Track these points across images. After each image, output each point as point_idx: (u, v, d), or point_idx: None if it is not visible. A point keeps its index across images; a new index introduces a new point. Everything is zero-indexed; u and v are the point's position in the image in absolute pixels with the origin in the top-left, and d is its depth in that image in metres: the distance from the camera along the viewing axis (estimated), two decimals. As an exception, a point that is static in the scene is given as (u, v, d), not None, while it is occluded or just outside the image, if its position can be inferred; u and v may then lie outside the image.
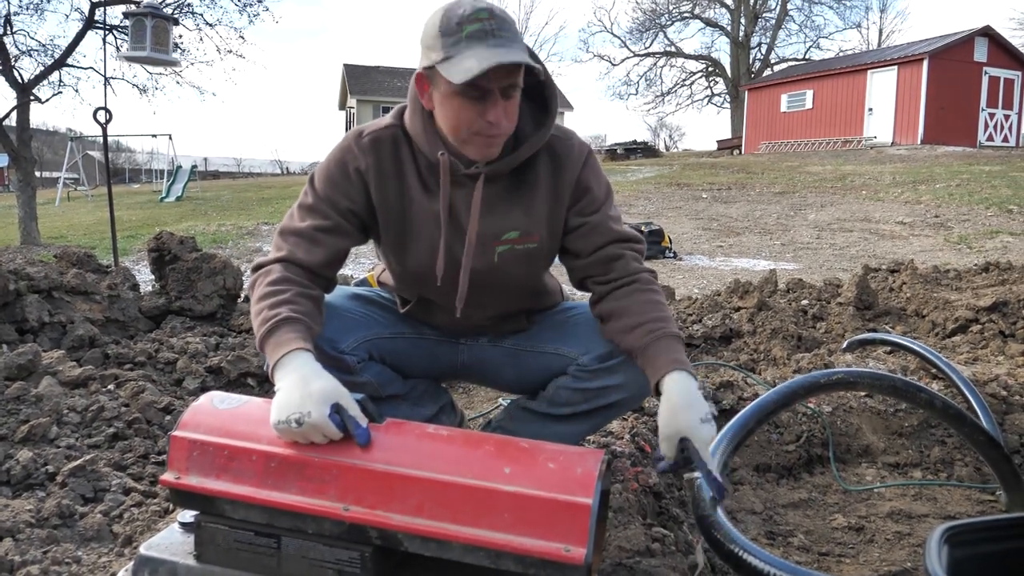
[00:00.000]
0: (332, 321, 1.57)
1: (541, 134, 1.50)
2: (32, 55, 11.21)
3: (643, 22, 36.76)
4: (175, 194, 18.00)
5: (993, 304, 3.71)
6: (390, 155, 1.51)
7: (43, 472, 1.91)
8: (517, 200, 1.53)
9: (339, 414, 1.22)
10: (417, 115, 1.49)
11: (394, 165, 1.51)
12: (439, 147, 1.47)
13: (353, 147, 1.51)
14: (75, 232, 11.42)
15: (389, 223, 1.54)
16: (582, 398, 1.60)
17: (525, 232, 1.53)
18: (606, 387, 1.58)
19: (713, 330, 3.67)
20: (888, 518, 1.98)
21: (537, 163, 1.53)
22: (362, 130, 1.53)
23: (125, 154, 39.05)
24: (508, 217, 1.53)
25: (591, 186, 1.56)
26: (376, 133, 1.52)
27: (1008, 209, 10.42)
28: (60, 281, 3.18)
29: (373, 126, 1.54)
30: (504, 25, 1.35)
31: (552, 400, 1.65)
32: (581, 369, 1.60)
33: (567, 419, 1.64)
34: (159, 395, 2.45)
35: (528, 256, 1.56)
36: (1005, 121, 22.50)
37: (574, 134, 1.58)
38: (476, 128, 1.39)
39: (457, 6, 1.36)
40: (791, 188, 14.37)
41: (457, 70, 1.31)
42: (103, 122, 5.33)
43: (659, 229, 8.40)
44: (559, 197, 1.54)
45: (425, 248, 1.54)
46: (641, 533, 1.52)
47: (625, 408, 1.67)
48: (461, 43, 1.33)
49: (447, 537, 1.13)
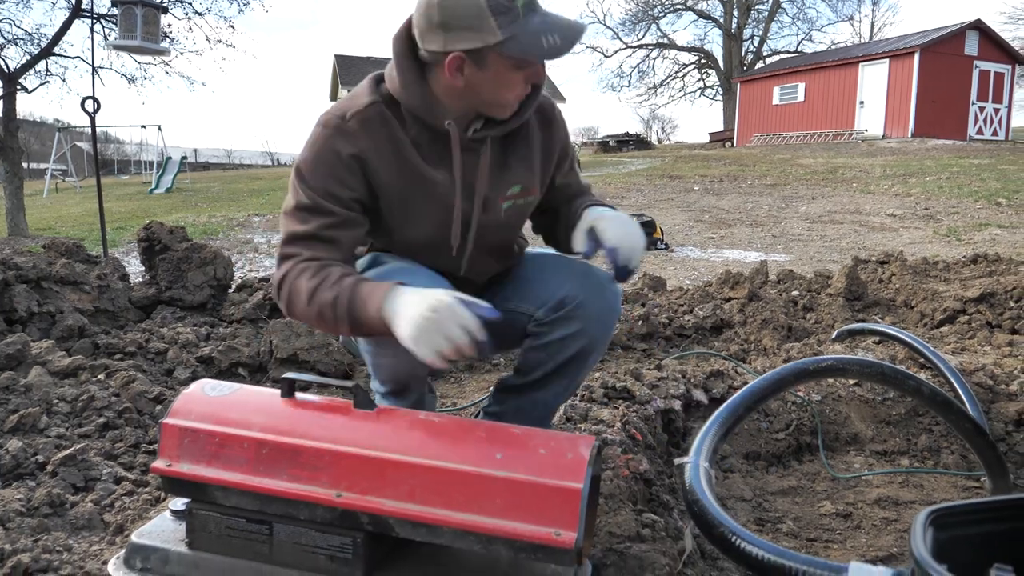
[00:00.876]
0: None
1: (535, 97, 1.53)
2: (18, 44, 11.11)
3: (636, 13, 36.70)
4: (165, 185, 17.90)
5: (981, 295, 3.74)
6: (381, 131, 1.46)
7: (33, 462, 1.90)
8: (516, 156, 1.57)
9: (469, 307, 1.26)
10: (413, 80, 1.44)
11: (390, 143, 1.47)
12: (443, 114, 1.46)
13: (339, 133, 1.45)
14: (64, 224, 11.34)
15: (393, 202, 1.51)
16: (546, 355, 1.61)
17: (526, 187, 1.60)
18: (564, 337, 1.58)
19: (704, 320, 3.68)
20: (875, 505, 2.00)
21: (530, 123, 1.58)
22: (343, 113, 1.46)
23: (114, 145, 38.78)
24: (511, 173, 1.57)
25: (570, 151, 1.70)
26: (360, 114, 1.46)
27: (997, 202, 10.49)
28: (49, 271, 3.16)
29: (354, 107, 1.47)
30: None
31: (523, 367, 1.67)
32: (538, 324, 1.61)
33: (541, 383, 1.65)
34: (150, 385, 2.45)
35: (527, 208, 1.64)
36: (995, 115, 22.61)
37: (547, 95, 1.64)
38: (512, 96, 1.44)
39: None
40: (783, 180, 14.42)
41: (537, 46, 1.33)
42: (91, 111, 5.29)
43: (651, 221, 8.41)
44: (550, 154, 1.63)
45: (435, 218, 1.53)
46: (631, 519, 1.53)
47: (591, 358, 1.65)
48: (519, 20, 1.33)
49: (438, 522, 1.14)
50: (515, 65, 1.37)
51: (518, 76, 1.40)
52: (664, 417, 2.21)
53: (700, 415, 2.32)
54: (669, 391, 2.28)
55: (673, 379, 2.35)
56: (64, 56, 11.50)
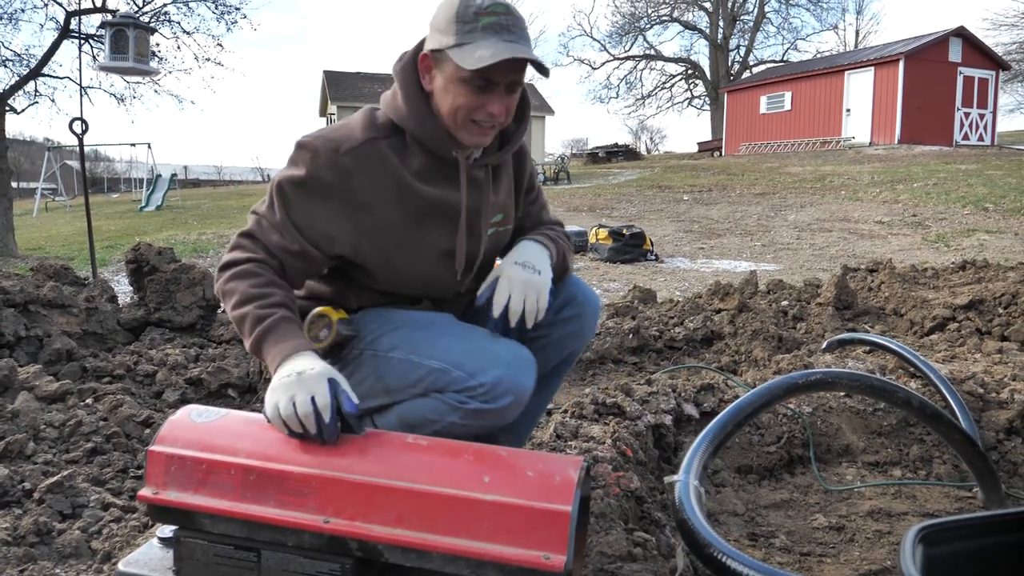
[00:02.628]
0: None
1: (521, 131, 1.60)
2: (7, 65, 11.10)
3: (622, 25, 36.96)
4: (155, 203, 17.85)
5: (970, 302, 3.76)
6: (377, 166, 1.44)
7: (20, 489, 1.88)
8: (500, 185, 1.62)
9: (334, 387, 1.25)
10: (421, 107, 1.45)
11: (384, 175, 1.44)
12: (449, 144, 1.47)
13: (331, 166, 1.41)
14: (53, 243, 11.29)
15: (384, 236, 1.47)
16: (543, 359, 1.60)
17: (506, 215, 1.64)
18: (562, 337, 1.64)
19: (695, 332, 3.69)
20: (868, 517, 2.00)
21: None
22: (337, 147, 1.42)
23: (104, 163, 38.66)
24: (496, 203, 1.61)
25: (534, 182, 1.74)
26: (355, 151, 1.42)
27: (984, 207, 10.57)
28: (36, 294, 3.14)
29: (347, 141, 1.43)
30: (518, 23, 1.40)
31: None
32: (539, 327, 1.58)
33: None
34: (138, 408, 2.43)
35: (505, 236, 1.67)
36: (980, 120, 22.82)
37: None
38: (475, 116, 1.43)
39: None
40: (771, 189, 14.49)
41: (471, 58, 1.35)
42: (79, 133, 5.28)
43: (640, 232, 8.44)
44: (520, 184, 1.68)
45: (440, 247, 1.52)
46: (623, 538, 1.52)
47: (574, 361, 1.73)
48: (476, 32, 1.37)
49: (427, 547, 1.13)
50: (461, 76, 1.38)
51: (466, 91, 1.40)
52: (655, 432, 2.21)
53: (691, 429, 2.32)
54: (660, 406, 2.27)
55: (663, 394, 2.35)
56: (53, 76, 11.50)
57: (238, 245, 1.46)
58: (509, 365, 1.42)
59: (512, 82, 1.42)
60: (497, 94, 1.41)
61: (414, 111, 1.45)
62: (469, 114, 1.42)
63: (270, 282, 1.41)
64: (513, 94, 1.44)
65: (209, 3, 11.43)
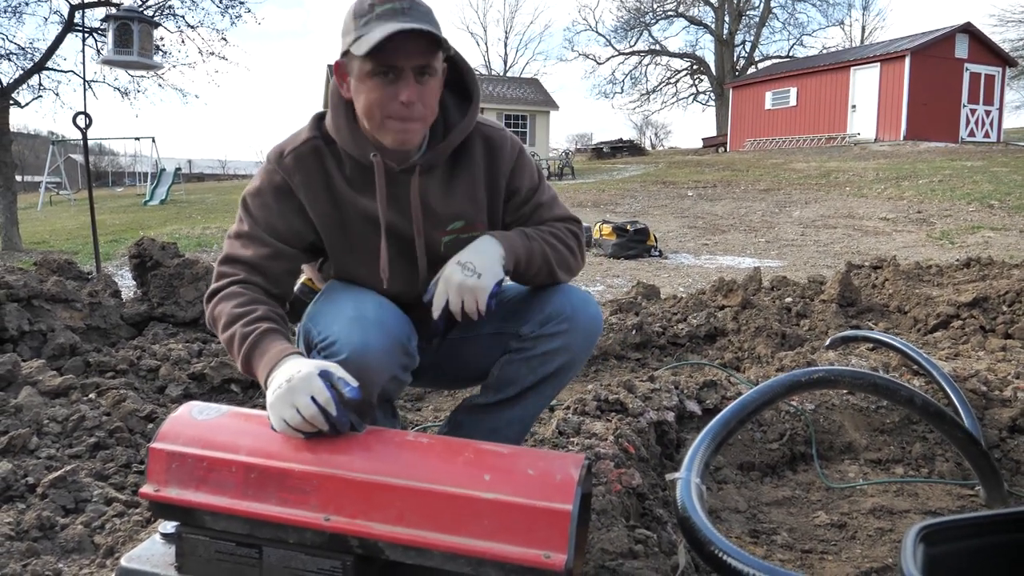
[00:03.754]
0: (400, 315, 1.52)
1: (468, 119, 1.52)
2: (11, 59, 11.11)
3: (627, 20, 36.87)
4: (159, 197, 17.89)
5: (974, 300, 3.75)
6: (315, 168, 1.50)
7: (23, 484, 1.89)
8: (457, 188, 1.55)
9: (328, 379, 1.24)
10: (340, 115, 1.47)
11: (321, 177, 1.50)
12: (368, 148, 1.47)
13: (278, 168, 1.50)
14: (58, 237, 11.32)
15: (330, 236, 1.54)
16: (527, 370, 1.58)
17: (469, 222, 1.56)
18: (548, 351, 1.56)
19: (698, 329, 3.68)
20: (870, 514, 2.00)
21: (473, 151, 1.55)
22: (282, 150, 1.51)
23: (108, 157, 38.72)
24: (450, 208, 1.54)
25: (524, 184, 1.62)
26: (296, 150, 1.50)
27: (989, 204, 10.53)
28: (40, 289, 3.15)
29: (292, 143, 1.52)
30: (416, 6, 1.37)
31: (497, 383, 1.62)
32: (522, 339, 1.58)
33: (517, 400, 1.61)
34: (141, 403, 2.43)
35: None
36: (986, 116, 22.72)
37: (505, 129, 1.63)
38: (390, 110, 1.39)
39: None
40: (776, 185, 14.46)
41: (364, 43, 1.33)
42: (83, 127, 5.28)
43: (645, 228, 8.43)
44: (496, 187, 1.59)
45: (368, 253, 1.53)
46: (624, 535, 1.52)
47: (569, 374, 1.64)
48: (372, 22, 1.35)
49: (428, 545, 1.13)
50: (367, 71, 1.37)
51: (374, 84, 1.38)
52: (657, 429, 2.21)
53: (693, 426, 2.31)
54: (662, 402, 2.27)
55: (666, 390, 2.35)
56: (57, 70, 11.51)
57: (219, 274, 1.51)
58: (349, 323, 1.42)
59: (421, 66, 1.37)
60: (406, 80, 1.37)
61: (335, 120, 1.48)
62: (382, 109, 1.39)
63: (252, 299, 1.45)
64: (426, 82, 1.39)
65: (213, -3, 11.40)
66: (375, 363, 1.40)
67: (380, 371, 1.41)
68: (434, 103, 1.44)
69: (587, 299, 1.61)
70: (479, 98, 1.56)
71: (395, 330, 1.45)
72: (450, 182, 1.55)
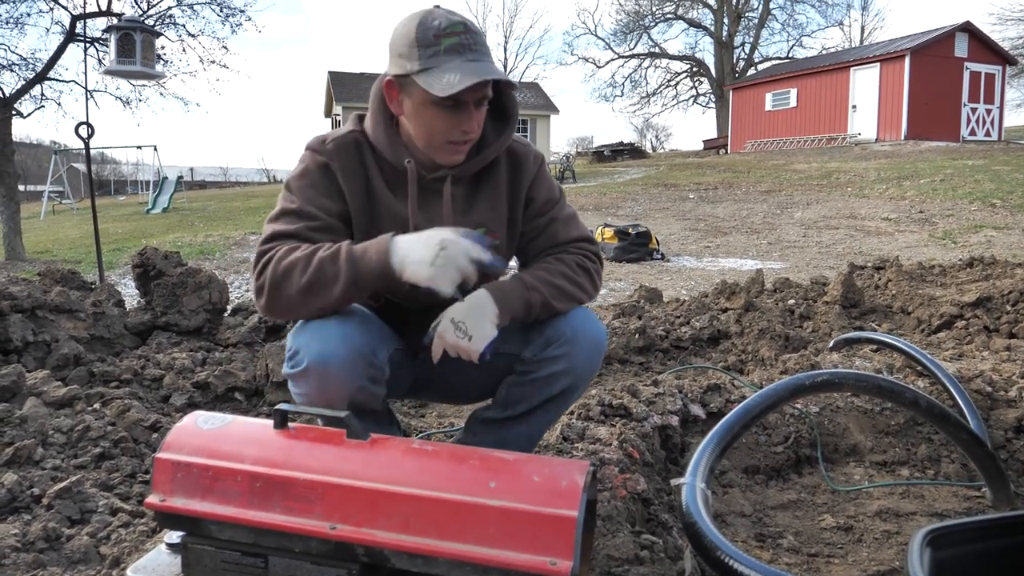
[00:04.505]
0: (372, 328, 1.54)
1: (503, 139, 1.59)
2: (13, 69, 11.14)
3: (627, 24, 36.92)
4: (161, 205, 17.93)
5: (977, 300, 3.74)
6: (355, 157, 1.55)
7: (28, 495, 1.89)
8: (481, 199, 1.61)
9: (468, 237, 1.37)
10: (380, 122, 1.54)
11: (359, 166, 1.55)
12: (404, 154, 1.53)
13: (320, 151, 1.54)
14: (61, 246, 11.35)
15: (360, 226, 1.56)
16: (532, 390, 1.60)
17: (490, 230, 1.60)
18: (552, 374, 1.58)
19: (701, 332, 3.68)
20: (876, 517, 1.99)
21: (499, 165, 1.62)
22: (324, 138, 1.57)
23: (110, 166, 38.83)
24: (473, 216, 1.59)
25: (540, 195, 1.66)
26: (338, 139, 1.55)
27: (991, 203, 10.52)
28: (44, 300, 3.15)
29: (334, 133, 1.58)
30: (478, 40, 1.43)
31: (506, 401, 1.65)
32: (526, 363, 1.61)
33: (524, 417, 1.64)
34: (146, 413, 2.43)
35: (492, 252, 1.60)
36: (987, 115, 22.71)
37: (530, 144, 1.68)
38: (451, 137, 1.47)
39: (431, 17, 1.42)
40: (777, 187, 14.45)
41: (440, 84, 1.38)
42: (85, 137, 5.30)
43: (646, 231, 8.42)
44: (517, 199, 1.64)
45: None
46: (630, 541, 1.52)
47: (575, 395, 1.66)
48: (440, 56, 1.40)
49: (434, 553, 1.13)
50: (431, 100, 1.41)
51: (437, 113, 1.44)
52: (661, 433, 2.20)
53: (698, 430, 2.31)
54: (666, 407, 2.27)
55: (670, 394, 2.35)
56: (59, 80, 11.58)
57: (261, 254, 1.48)
58: (312, 334, 1.45)
59: (480, 98, 1.45)
60: (468, 113, 1.44)
61: (374, 127, 1.54)
62: (445, 136, 1.47)
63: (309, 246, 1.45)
64: (481, 109, 1.47)
65: (214, 6, 11.46)
66: (336, 373, 1.43)
67: (342, 381, 1.44)
68: (483, 123, 1.52)
69: (589, 320, 1.62)
70: (516, 113, 1.61)
71: (358, 342, 1.46)
72: (475, 192, 1.61)
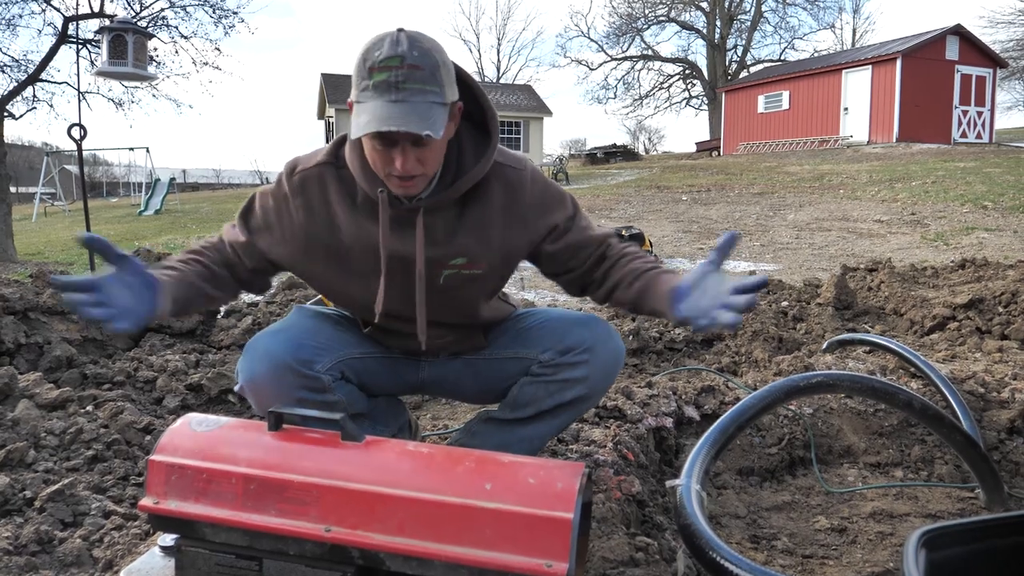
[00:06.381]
0: (305, 341, 1.59)
1: (480, 166, 1.47)
2: (5, 71, 11.09)
3: (619, 26, 37.01)
4: (154, 207, 17.85)
5: (970, 301, 3.76)
6: (316, 194, 1.52)
7: (21, 498, 1.88)
8: (467, 227, 1.51)
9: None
10: (354, 147, 1.48)
11: (322, 204, 1.52)
12: (376, 182, 1.45)
13: (288, 183, 1.54)
14: (53, 248, 11.29)
15: (320, 260, 1.55)
16: (545, 393, 1.60)
17: (472, 260, 1.53)
18: (568, 380, 1.58)
19: (695, 334, 3.68)
20: (870, 518, 2.00)
21: (489, 191, 1.51)
22: (295, 166, 1.55)
23: (103, 167, 38.67)
24: (454, 245, 1.51)
25: (555, 215, 1.56)
26: (304, 172, 1.53)
27: (983, 205, 10.57)
28: (36, 301, 3.14)
29: (304, 163, 1.54)
30: (414, 76, 1.30)
31: (515, 401, 1.64)
32: (543, 365, 1.60)
33: (532, 420, 1.63)
34: (139, 415, 2.42)
35: (473, 280, 1.56)
36: (978, 118, 22.83)
37: (528, 161, 1.58)
38: (387, 171, 1.39)
39: (377, 46, 1.32)
40: (770, 189, 14.50)
41: (357, 122, 1.33)
42: (77, 138, 5.28)
43: (640, 233, 8.40)
44: (514, 224, 1.53)
45: (364, 277, 1.54)
46: (625, 543, 1.52)
47: (586, 404, 1.65)
48: (369, 91, 1.32)
49: (429, 555, 1.13)
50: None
51: (372, 147, 1.37)
52: (656, 435, 2.21)
53: (692, 432, 2.31)
54: (660, 408, 2.27)
55: (664, 396, 2.35)
56: (51, 82, 11.51)
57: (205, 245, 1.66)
58: (244, 355, 1.59)
59: (414, 139, 1.33)
60: (401, 150, 1.34)
61: (349, 150, 1.50)
62: (383, 170, 1.40)
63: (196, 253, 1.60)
64: (425, 146, 1.35)
65: (207, 8, 11.42)
66: (265, 388, 1.55)
67: (275, 395, 1.54)
68: (436, 160, 1.41)
69: (610, 333, 1.62)
70: (496, 140, 1.51)
71: (283, 357, 1.54)
72: (459, 220, 1.51)
